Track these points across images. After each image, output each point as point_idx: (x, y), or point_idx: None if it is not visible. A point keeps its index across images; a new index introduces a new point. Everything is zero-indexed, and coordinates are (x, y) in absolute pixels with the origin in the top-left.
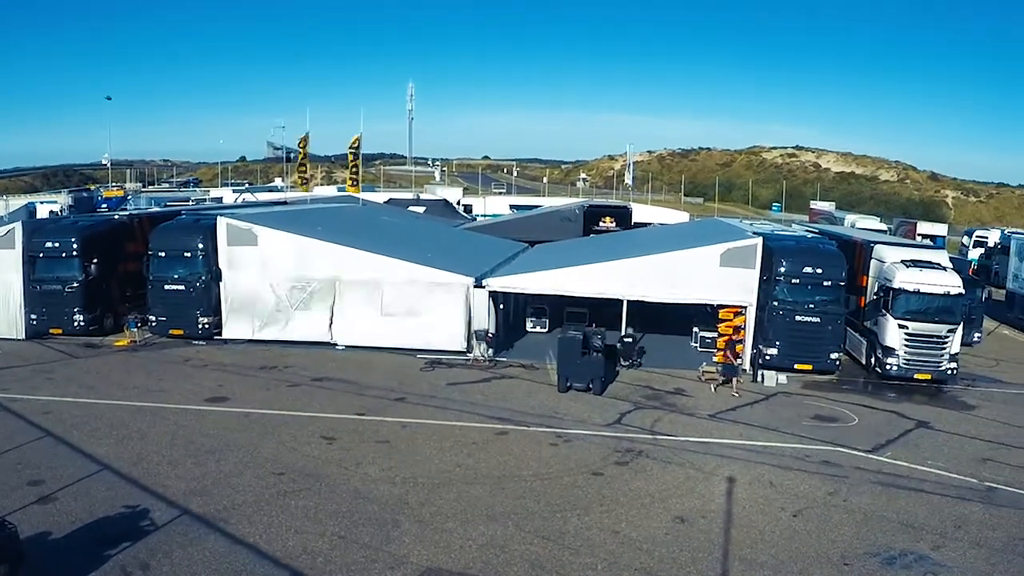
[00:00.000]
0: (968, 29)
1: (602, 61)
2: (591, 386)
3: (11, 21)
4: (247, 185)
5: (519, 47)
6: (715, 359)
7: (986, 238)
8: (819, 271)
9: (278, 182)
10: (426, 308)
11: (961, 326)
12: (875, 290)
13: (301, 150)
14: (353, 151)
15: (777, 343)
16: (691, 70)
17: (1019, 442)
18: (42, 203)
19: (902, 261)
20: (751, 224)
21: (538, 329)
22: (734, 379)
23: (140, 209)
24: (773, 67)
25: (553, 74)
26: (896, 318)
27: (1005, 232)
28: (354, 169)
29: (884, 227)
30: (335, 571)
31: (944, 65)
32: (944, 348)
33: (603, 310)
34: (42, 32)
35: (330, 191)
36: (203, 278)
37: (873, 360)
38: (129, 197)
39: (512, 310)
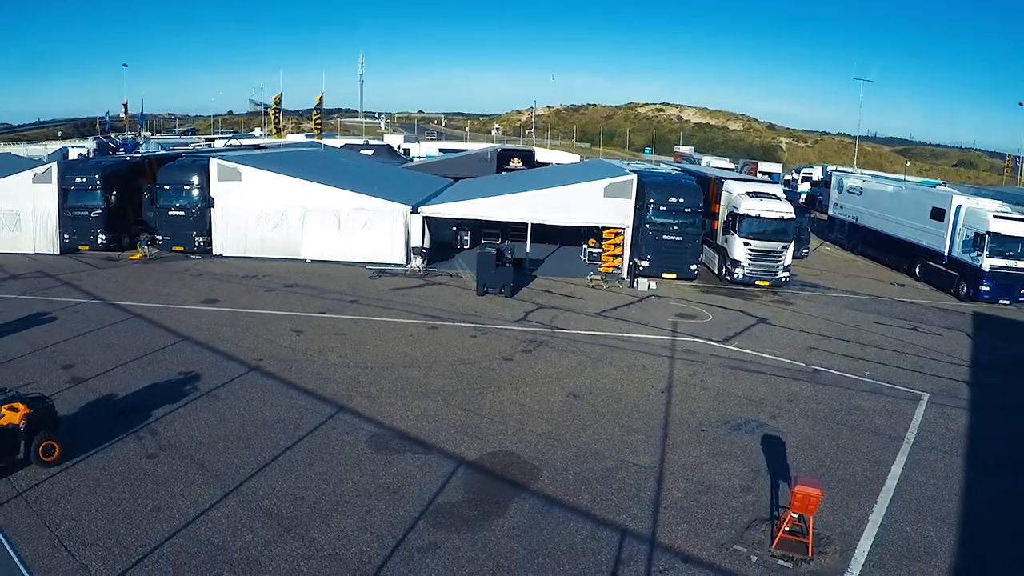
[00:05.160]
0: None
1: (511, 31)
2: (503, 290)
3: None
4: (232, 133)
5: (447, 23)
6: (600, 269)
7: (811, 174)
8: (681, 200)
9: (257, 131)
10: (374, 229)
11: (793, 244)
12: (725, 216)
13: (274, 106)
14: (317, 107)
15: (648, 257)
16: (585, 38)
17: (837, 334)
18: (73, 147)
19: (746, 193)
20: (628, 164)
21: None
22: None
23: (150, 152)
24: (648, 38)
25: (472, 43)
26: (742, 237)
27: (827, 169)
28: (318, 121)
29: (732, 166)
30: (303, 436)
31: (781, 34)
32: (779, 261)
33: (513, 231)
34: (74, 18)
35: (299, 138)
36: (199, 206)
37: (724, 270)
38: (141, 142)
39: (440, 231)
